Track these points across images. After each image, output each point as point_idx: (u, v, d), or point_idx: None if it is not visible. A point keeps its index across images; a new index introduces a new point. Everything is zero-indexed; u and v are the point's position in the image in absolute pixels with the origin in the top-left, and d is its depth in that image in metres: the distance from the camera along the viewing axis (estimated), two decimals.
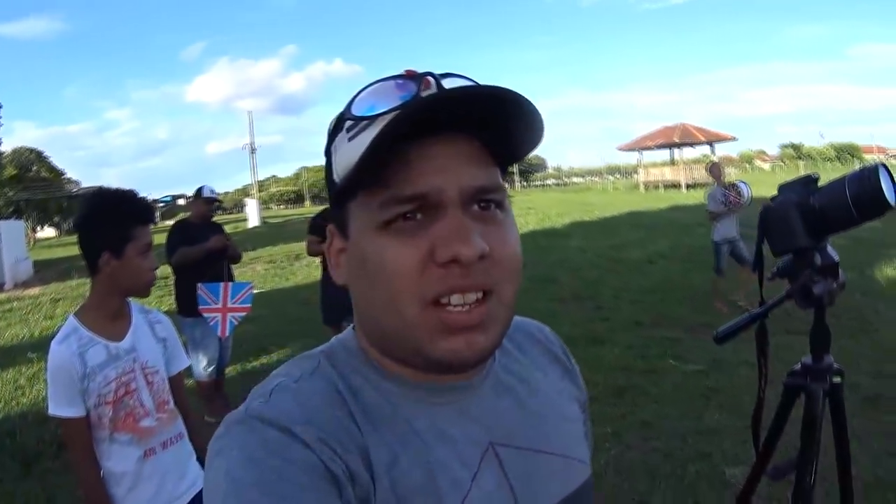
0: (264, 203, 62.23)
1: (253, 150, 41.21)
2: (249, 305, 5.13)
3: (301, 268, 15.33)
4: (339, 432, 0.63)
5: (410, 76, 0.64)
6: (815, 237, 1.38)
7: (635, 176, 41.88)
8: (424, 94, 0.61)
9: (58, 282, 15.19)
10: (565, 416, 0.81)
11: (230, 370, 6.52)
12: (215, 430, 0.66)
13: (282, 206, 78.86)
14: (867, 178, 1.30)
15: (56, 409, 1.88)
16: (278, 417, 0.62)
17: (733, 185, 7.66)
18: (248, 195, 44.20)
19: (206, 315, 4.91)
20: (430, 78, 0.63)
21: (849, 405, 1.53)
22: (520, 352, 0.83)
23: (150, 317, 2.16)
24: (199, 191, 5.28)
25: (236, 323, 5.05)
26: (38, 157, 42.24)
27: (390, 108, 0.61)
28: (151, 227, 2.04)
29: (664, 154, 38.82)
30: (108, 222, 1.94)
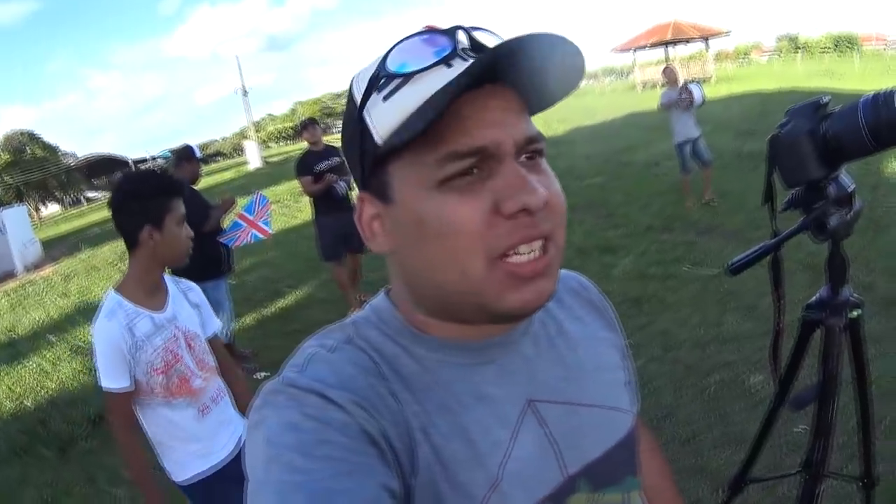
0: (263, 142, 61.62)
1: (245, 93, 40.52)
2: (270, 231, 5.22)
3: (306, 204, 15.17)
4: (374, 399, 0.63)
5: (436, 30, 0.63)
6: (829, 167, 1.29)
7: (631, 76, 40.80)
8: (461, 48, 0.62)
9: (67, 257, 15.23)
10: (606, 365, 0.81)
11: (248, 318, 6.62)
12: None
13: (281, 144, 78.18)
14: (882, 104, 1.19)
15: (109, 383, 1.97)
16: (313, 384, 0.62)
17: (686, 88, 7.82)
18: (246, 138, 43.58)
19: (241, 241, 5.00)
20: (461, 31, 0.63)
21: (865, 308, 1.47)
22: (558, 304, 0.82)
23: (182, 286, 2.27)
24: (189, 151, 5.11)
25: (251, 241, 5.10)
26: (31, 137, 41.79)
27: (428, 63, 0.61)
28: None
29: (659, 52, 37.61)
30: (145, 198, 2.02)
